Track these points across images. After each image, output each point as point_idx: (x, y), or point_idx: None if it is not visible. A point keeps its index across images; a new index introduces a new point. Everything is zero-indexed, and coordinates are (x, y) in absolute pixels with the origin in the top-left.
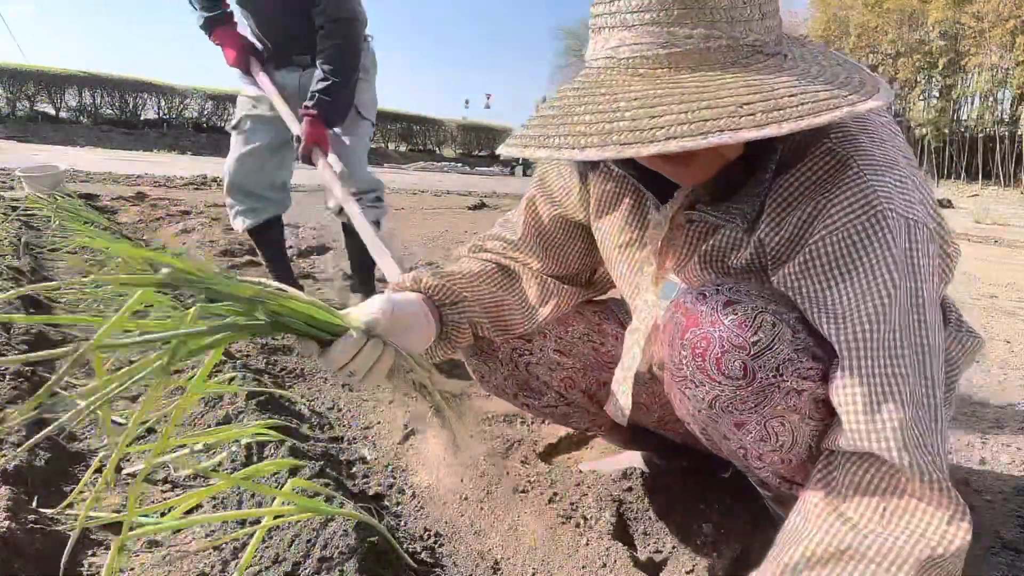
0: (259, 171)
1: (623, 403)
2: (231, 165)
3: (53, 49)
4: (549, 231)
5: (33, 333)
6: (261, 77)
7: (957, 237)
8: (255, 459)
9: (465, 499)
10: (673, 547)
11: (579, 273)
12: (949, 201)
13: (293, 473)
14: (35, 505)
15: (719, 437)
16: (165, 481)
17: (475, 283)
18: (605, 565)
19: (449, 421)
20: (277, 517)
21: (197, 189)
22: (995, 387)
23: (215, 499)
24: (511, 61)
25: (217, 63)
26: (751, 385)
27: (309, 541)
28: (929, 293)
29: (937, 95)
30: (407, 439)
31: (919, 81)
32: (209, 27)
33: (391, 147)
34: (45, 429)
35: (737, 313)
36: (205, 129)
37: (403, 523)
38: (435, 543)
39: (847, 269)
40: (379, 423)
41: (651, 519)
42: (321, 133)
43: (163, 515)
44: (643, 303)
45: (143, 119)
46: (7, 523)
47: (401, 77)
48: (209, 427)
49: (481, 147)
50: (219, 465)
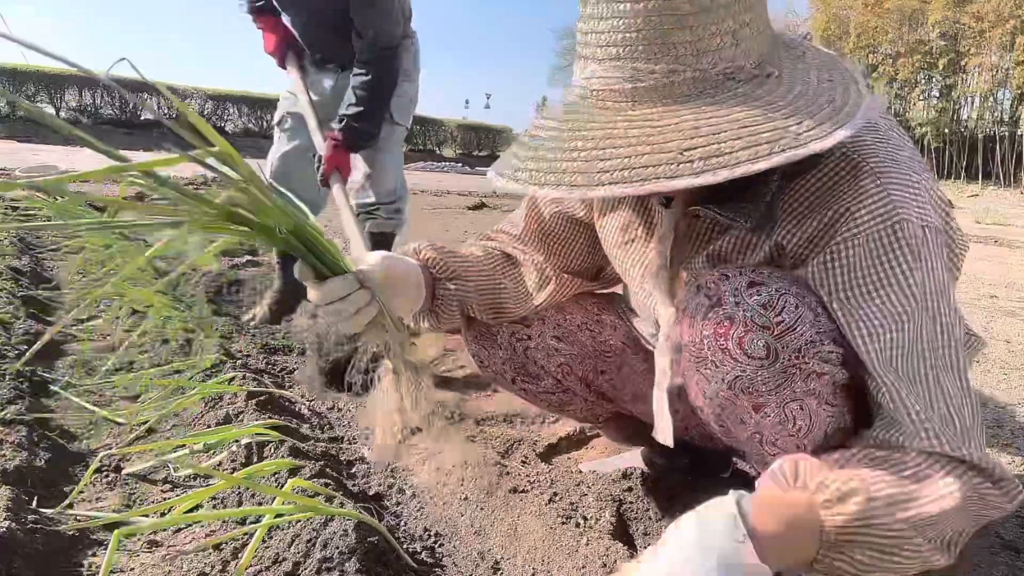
0: (299, 170)
1: (662, 425)
2: (274, 162)
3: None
4: (550, 227)
5: (33, 333)
6: (295, 75)
7: None
8: (255, 459)
9: (465, 499)
10: None
11: (582, 270)
12: (949, 201)
13: (293, 473)
14: (35, 505)
15: (734, 422)
16: (165, 481)
17: (474, 264)
18: (605, 565)
19: (404, 384)
20: (277, 517)
21: (197, 189)
22: (995, 387)
23: (215, 499)
24: (511, 61)
25: (217, 63)
26: (773, 365)
27: (309, 541)
28: (947, 292)
29: (937, 95)
30: (407, 439)
31: (919, 81)
32: (256, 12)
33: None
34: (45, 430)
35: (761, 294)
36: None
37: (403, 523)
38: (435, 543)
39: (870, 277)
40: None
41: (651, 519)
42: (343, 159)
43: (163, 515)
44: (661, 316)
45: (143, 119)
46: (7, 523)
47: None
48: (209, 427)
49: (481, 147)
50: (219, 465)
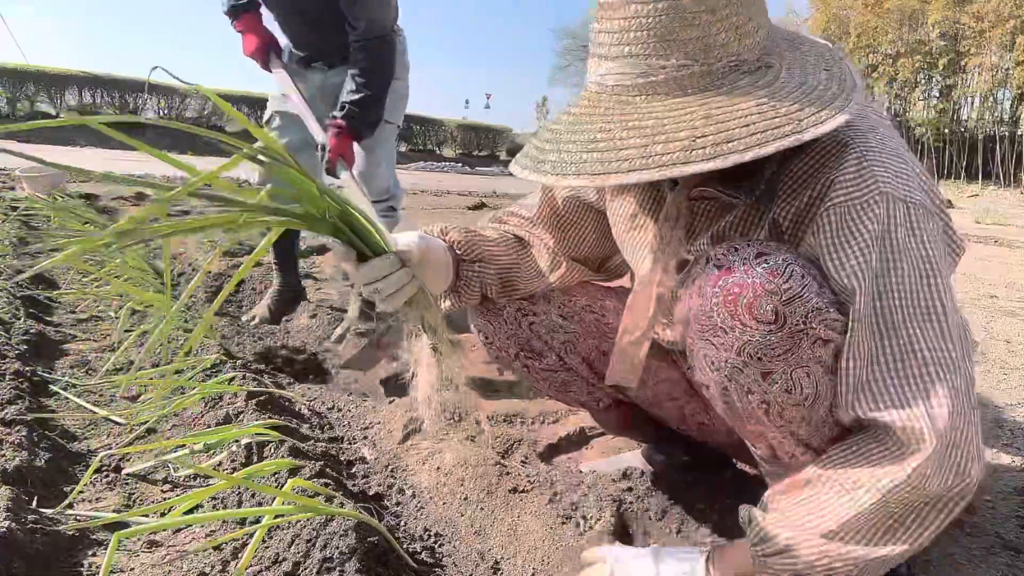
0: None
1: (638, 360)
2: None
3: (53, 49)
4: (563, 212)
5: (33, 333)
6: (282, 75)
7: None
8: (255, 459)
9: (465, 499)
10: None
11: (591, 257)
12: (949, 201)
13: (293, 473)
14: (35, 505)
15: (741, 393)
16: (165, 481)
17: (495, 246)
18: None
19: (445, 361)
20: (277, 517)
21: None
22: (995, 387)
23: (215, 499)
24: (511, 61)
25: (217, 64)
26: (782, 330)
27: (309, 541)
28: (932, 260)
29: (937, 95)
30: (407, 439)
31: (919, 81)
32: (235, 12)
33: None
34: (45, 430)
35: (768, 263)
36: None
37: (403, 523)
38: (435, 543)
39: (845, 240)
40: (379, 423)
41: (651, 519)
42: (347, 146)
43: (163, 515)
44: (644, 264)
45: (142, 119)
46: (7, 523)
47: None
48: (209, 427)
49: (481, 147)
50: (219, 465)
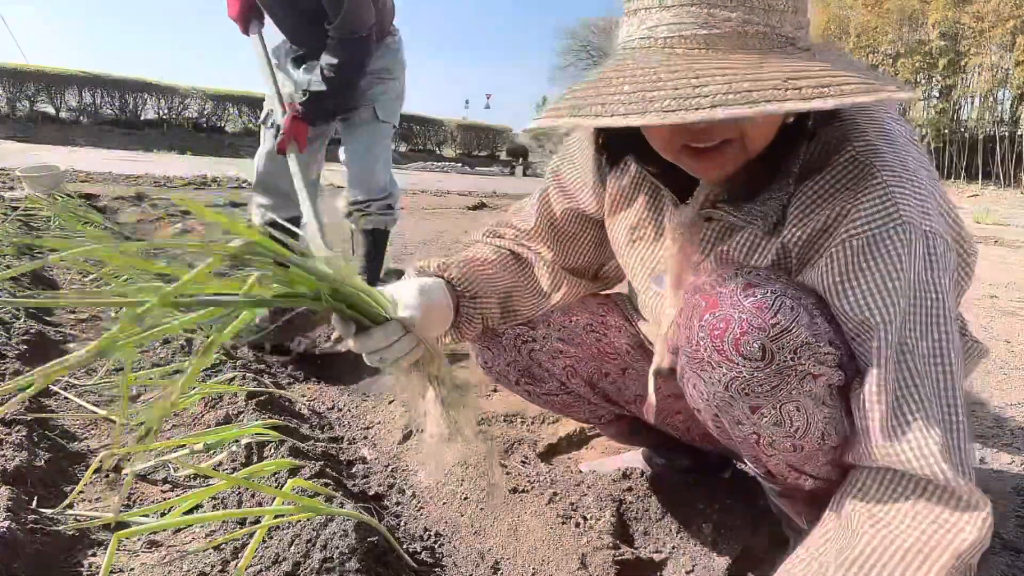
0: (285, 168)
1: (649, 400)
2: (258, 161)
3: (53, 49)
4: (561, 223)
5: (33, 333)
6: (256, 41)
7: None
8: (255, 459)
9: (465, 499)
10: (673, 547)
11: (588, 266)
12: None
13: (293, 473)
14: (35, 505)
15: (732, 423)
16: (165, 481)
17: (494, 273)
18: (605, 565)
19: (454, 413)
20: (277, 517)
21: (197, 189)
22: (995, 387)
23: (215, 499)
24: (511, 61)
25: (217, 64)
26: (769, 367)
27: (309, 541)
28: (947, 301)
29: (937, 95)
30: (407, 439)
31: (919, 81)
32: None
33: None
34: (45, 430)
35: (757, 295)
36: (205, 129)
37: (403, 523)
38: (435, 543)
39: (866, 275)
40: (379, 423)
41: (651, 519)
42: (301, 131)
43: (163, 515)
44: (664, 312)
45: (143, 119)
46: (7, 523)
47: None
48: (209, 427)
49: (481, 147)
50: (219, 465)
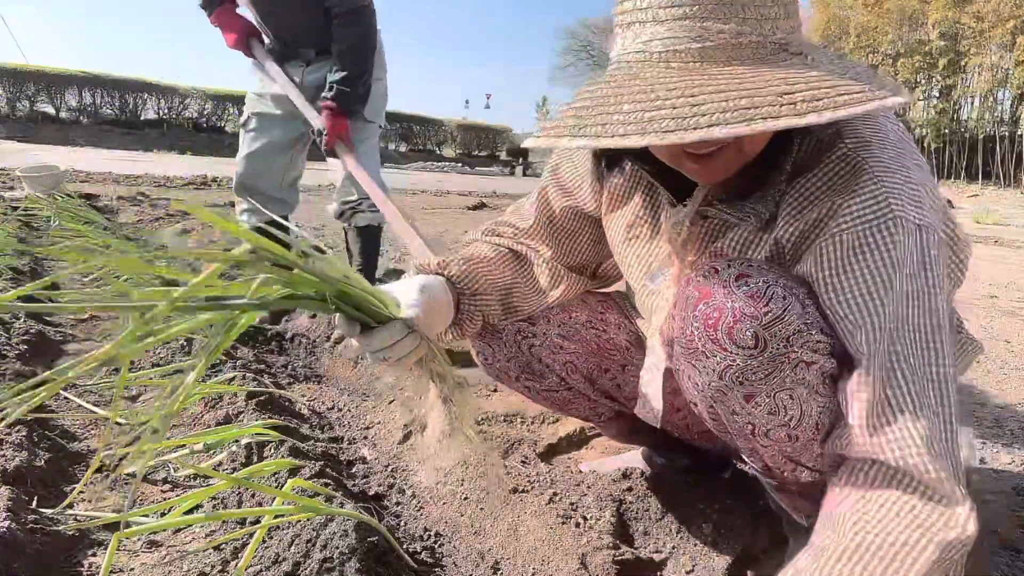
0: (266, 171)
1: (655, 405)
2: (239, 164)
3: (53, 49)
4: (559, 221)
5: (33, 333)
6: (269, 63)
7: None
8: (255, 459)
9: (465, 499)
10: (673, 547)
11: (587, 264)
12: (949, 201)
13: (293, 473)
14: (35, 505)
15: (727, 414)
16: (165, 481)
17: (494, 270)
18: (605, 565)
19: (455, 409)
20: (277, 517)
21: (197, 189)
22: (995, 387)
23: (215, 499)
24: (511, 61)
25: (217, 64)
26: (762, 354)
27: (309, 541)
28: (939, 296)
29: (937, 95)
30: (407, 439)
31: (919, 81)
32: (209, 7)
33: (391, 147)
34: (45, 430)
35: (749, 285)
36: (205, 129)
37: (403, 523)
38: (435, 543)
39: (857, 270)
40: (379, 423)
41: (651, 519)
42: (343, 125)
43: (163, 515)
44: (661, 305)
45: (143, 119)
46: (7, 523)
47: (401, 77)
48: (209, 427)
49: (481, 147)
50: (219, 465)
